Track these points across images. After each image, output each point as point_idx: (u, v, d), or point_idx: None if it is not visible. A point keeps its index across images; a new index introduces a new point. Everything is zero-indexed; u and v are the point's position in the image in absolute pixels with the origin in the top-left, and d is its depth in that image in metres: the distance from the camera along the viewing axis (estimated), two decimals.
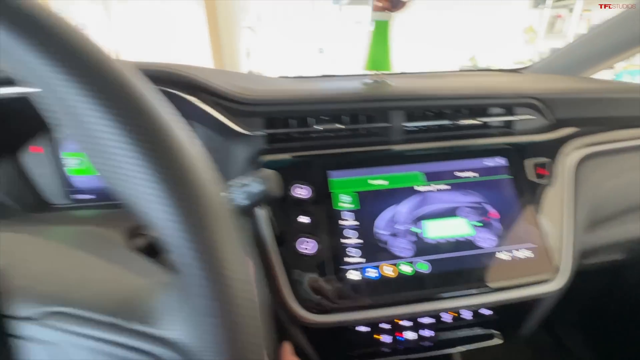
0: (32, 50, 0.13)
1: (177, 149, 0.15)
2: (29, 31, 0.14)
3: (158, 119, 0.15)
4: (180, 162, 0.15)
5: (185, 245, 0.15)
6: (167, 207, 0.14)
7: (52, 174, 0.50)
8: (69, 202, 0.52)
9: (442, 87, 0.56)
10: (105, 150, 0.14)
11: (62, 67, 0.14)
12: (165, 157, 0.15)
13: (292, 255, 0.43)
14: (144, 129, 0.15)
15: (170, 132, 0.15)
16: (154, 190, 0.14)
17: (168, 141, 0.15)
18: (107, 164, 0.15)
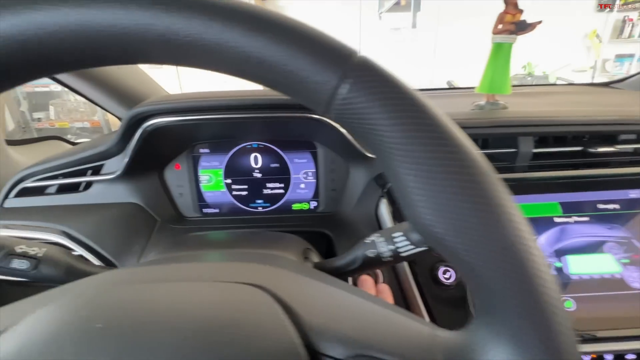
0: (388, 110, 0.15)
1: (503, 196, 0.16)
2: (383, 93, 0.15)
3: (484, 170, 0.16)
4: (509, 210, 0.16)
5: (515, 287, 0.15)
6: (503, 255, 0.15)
7: (189, 189, 0.54)
8: (200, 215, 0.56)
9: (570, 111, 0.54)
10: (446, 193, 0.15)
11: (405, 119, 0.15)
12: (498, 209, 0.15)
13: (431, 283, 0.43)
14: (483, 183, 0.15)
15: (494, 178, 0.16)
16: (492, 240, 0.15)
17: (498, 189, 0.16)
18: (447, 210, 0.15)
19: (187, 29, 0.15)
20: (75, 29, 0.15)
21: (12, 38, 0.14)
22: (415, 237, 0.29)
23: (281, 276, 0.24)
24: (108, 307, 0.19)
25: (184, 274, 0.23)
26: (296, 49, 0.15)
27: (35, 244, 0.31)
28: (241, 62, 0.16)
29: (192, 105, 0.45)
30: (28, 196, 0.51)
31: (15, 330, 0.18)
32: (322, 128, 0.49)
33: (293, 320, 0.19)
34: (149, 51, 0.16)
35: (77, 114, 3.11)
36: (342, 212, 0.54)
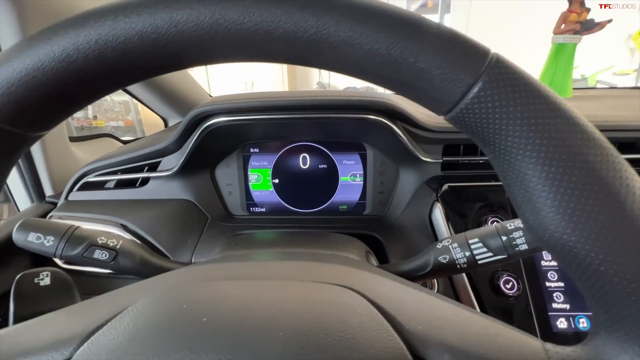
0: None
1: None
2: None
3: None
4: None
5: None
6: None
7: (238, 188, 0.55)
8: (247, 214, 0.56)
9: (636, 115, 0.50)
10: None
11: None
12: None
13: (491, 293, 0.41)
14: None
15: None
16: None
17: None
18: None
19: (317, 25, 0.15)
20: (207, 27, 0.15)
21: (160, 36, 0.15)
22: (495, 244, 0.28)
23: (367, 278, 0.23)
24: (209, 302, 0.19)
25: (272, 272, 0.23)
26: (430, 46, 0.15)
27: (113, 236, 0.32)
28: (365, 59, 0.15)
29: (250, 105, 0.45)
30: (89, 190, 0.54)
31: (122, 319, 0.19)
32: (373, 130, 0.49)
33: (393, 325, 0.18)
34: (271, 49, 0.16)
35: (113, 113, 3.28)
36: (390, 216, 0.53)
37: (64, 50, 0.15)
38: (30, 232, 0.29)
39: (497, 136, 0.15)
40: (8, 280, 0.47)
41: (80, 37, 0.15)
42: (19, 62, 0.15)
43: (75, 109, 0.18)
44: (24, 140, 0.18)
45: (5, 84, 0.15)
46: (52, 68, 0.15)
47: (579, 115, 0.15)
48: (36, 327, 0.20)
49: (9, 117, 0.16)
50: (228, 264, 0.26)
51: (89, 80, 0.16)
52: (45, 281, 0.25)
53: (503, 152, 0.16)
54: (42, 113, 0.17)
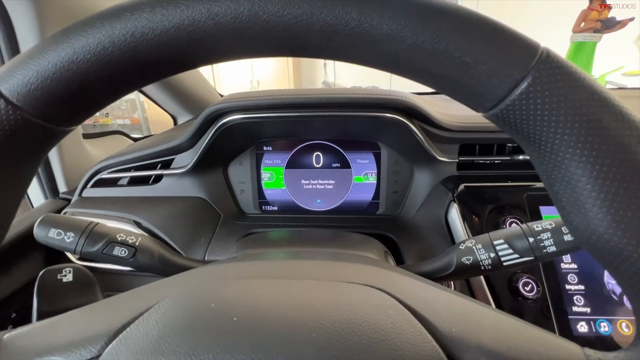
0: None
1: None
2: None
3: None
4: None
5: None
6: None
7: (251, 186, 0.55)
8: (260, 212, 0.56)
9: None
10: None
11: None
12: None
13: (509, 295, 0.40)
14: None
15: None
16: None
17: None
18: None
19: (359, 18, 0.14)
20: (246, 19, 0.15)
21: (200, 28, 0.15)
22: (521, 245, 0.28)
23: (395, 279, 0.23)
24: (238, 301, 0.19)
25: (298, 271, 0.23)
26: (477, 40, 0.14)
27: (132, 233, 0.32)
28: (407, 53, 0.15)
29: (266, 103, 0.45)
30: (103, 187, 0.54)
31: (149, 317, 0.18)
32: (388, 128, 0.48)
33: (426, 327, 0.18)
34: (309, 43, 0.16)
35: (119, 111, 3.30)
36: (404, 216, 0.52)
37: (100, 43, 0.15)
38: (51, 228, 0.29)
39: (544, 133, 0.15)
40: (22, 276, 0.48)
41: (117, 30, 0.15)
42: (54, 55, 0.15)
43: (106, 104, 0.18)
44: (55, 134, 0.18)
45: (40, 77, 0.15)
46: (87, 61, 0.15)
47: (633, 114, 0.14)
48: (62, 324, 0.20)
49: (42, 111, 0.16)
50: (251, 263, 0.26)
51: (122, 74, 0.16)
52: (68, 277, 0.25)
53: (549, 151, 0.15)
54: (74, 107, 0.17)
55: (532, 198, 0.44)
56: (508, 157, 0.49)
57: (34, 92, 0.15)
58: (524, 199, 0.45)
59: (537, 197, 0.44)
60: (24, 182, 0.19)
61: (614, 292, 0.39)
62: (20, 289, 0.47)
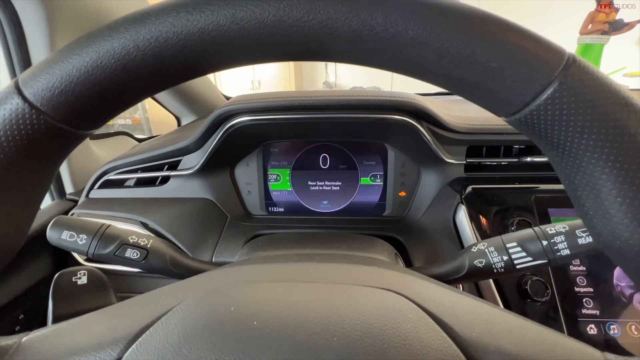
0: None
1: None
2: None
3: None
4: None
5: None
6: None
7: (257, 187, 0.55)
8: (266, 214, 0.56)
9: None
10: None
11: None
12: None
13: (518, 297, 0.40)
14: None
15: None
16: None
17: None
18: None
19: (385, 23, 0.14)
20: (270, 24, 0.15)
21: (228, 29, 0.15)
22: (535, 248, 0.28)
23: (411, 282, 0.23)
24: (257, 304, 0.19)
25: (314, 275, 0.23)
26: (504, 45, 0.14)
27: (143, 235, 0.32)
28: (432, 59, 0.15)
29: (274, 105, 0.45)
30: (109, 188, 0.54)
31: (168, 321, 0.18)
32: (396, 130, 0.48)
33: (446, 331, 0.18)
34: (333, 48, 0.16)
35: None
36: (411, 218, 0.52)
37: (124, 48, 0.15)
38: (64, 230, 0.29)
39: (569, 139, 0.15)
40: (30, 278, 0.48)
41: (141, 35, 0.15)
42: (79, 60, 0.15)
43: (126, 107, 0.18)
44: (76, 138, 0.18)
45: (64, 82, 0.15)
46: (112, 66, 0.15)
47: None
48: (80, 327, 0.20)
49: (65, 115, 0.16)
50: (267, 265, 0.26)
51: (144, 78, 0.16)
52: (83, 280, 0.25)
53: (573, 156, 0.15)
54: (95, 111, 0.17)
55: (540, 200, 0.44)
56: (515, 159, 0.49)
57: (57, 97, 0.15)
58: (532, 201, 0.45)
59: (546, 199, 0.44)
60: (45, 185, 0.19)
61: (623, 294, 0.39)
62: (28, 290, 0.47)
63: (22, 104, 0.15)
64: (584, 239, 0.26)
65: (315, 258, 0.28)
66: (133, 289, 0.51)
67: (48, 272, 0.50)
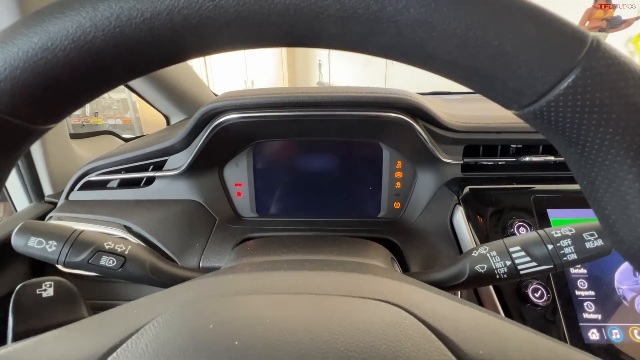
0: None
1: None
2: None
3: None
4: None
5: None
6: None
7: (247, 188, 0.53)
8: (256, 216, 0.54)
9: None
10: None
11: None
12: None
13: (517, 302, 0.39)
14: None
15: None
16: None
17: None
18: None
19: (383, 1, 0.13)
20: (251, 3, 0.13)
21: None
22: (540, 252, 0.26)
23: (410, 292, 0.21)
24: (239, 322, 0.17)
25: (304, 285, 0.21)
26: (519, 26, 0.12)
27: (120, 241, 0.30)
28: (436, 42, 0.13)
29: (264, 102, 0.43)
30: (91, 189, 0.51)
31: (138, 340, 0.16)
32: (391, 128, 0.47)
33: (450, 348, 0.16)
34: (323, 32, 0.14)
35: (111, 111, 3.23)
36: (406, 219, 0.51)
37: (79, 27, 0.13)
38: (31, 237, 0.27)
39: (591, 134, 0.13)
40: (3, 287, 0.45)
41: (99, 12, 0.13)
42: (26, 41, 0.13)
43: (88, 99, 0.16)
44: (28, 133, 0.15)
45: (8, 67, 0.13)
46: (65, 49, 0.13)
47: None
48: (40, 347, 0.17)
49: (12, 105, 0.14)
50: (252, 275, 0.23)
51: (106, 64, 0.14)
52: (48, 292, 0.22)
53: (595, 153, 0.13)
54: (50, 103, 0.15)
55: (539, 200, 0.43)
56: (513, 159, 0.48)
57: (2, 86, 0.13)
58: (531, 201, 0.43)
59: (545, 200, 0.43)
60: None
61: (624, 298, 0.38)
62: (0, 300, 0.44)
63: None
64: (592, 242, 0.25)
65: (306, 265, 0.26)
66: (114, 296, 0.48)
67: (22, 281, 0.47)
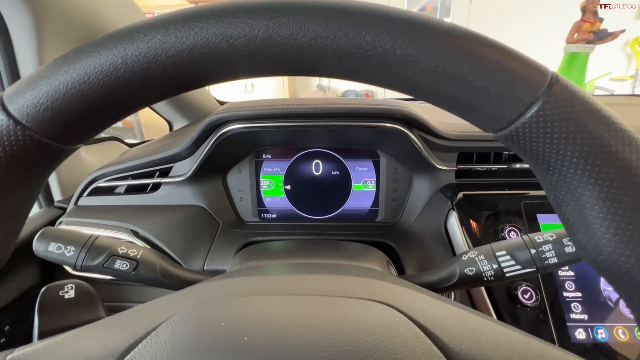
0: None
1: None
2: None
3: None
4: None
5: None
6: None
7: (250, 194, 0.55)
8: (259, 220, 0.56)
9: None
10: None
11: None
12: None
13: (508, 303, 0.41)
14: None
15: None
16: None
17: None
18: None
19: (373, 42, 0.15)
20: (260, 42, 0.15)
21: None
22: (523, 257, 0.28)
23: (402, 293, 0.23)
24: (248, 320, 0.19)
25: (305, 287, 0.23)
26: (489, 65, 0.14)
27: (132, 246, 0.32)
28: (420, 77, 0.15)
29: (266, 113, 0.45)
30: (99, 195, 0.53)
31: (157, 337, 0.18)
32: (388, 137, 0.49)
33: (436, 343, 0.18)
34: (322, 65, 0.16)
35: None
36: (403, 223, 0.53)
37: (112, 64, 0.15)
38: (51, 242, 0.29)
39: (553, 156, 0.15)
40: (16, 288, 0.47)
41: (129, 51, 0.15)
42: (66, 75, 0.15)
43: (114, 122, 0.18)
44: (63, 152, 0.17)
45: (50, 98, 0.15)
46: (99, 82, 0.15)
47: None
48: (66, 344, 0.19)
49: (52, 131, 0.16)
50: (258, 277, 0.25)
51: (133, 93, 0.16)
52: (70, 294, 0.24)
53: (557, 172, 0.15)
54: (82, 126, 0.17)
55: (529, 206, 0.45)
56: (505, 165, 0.50)
57: (43, 113, 0.15)
58: (521, 206, 0.45)
59: (534, 205, 0.45)
60: (31, 200, 0.18)
61: (610, 299, 0.40)
62: (14, 300, 0.46)
63: (6, 120, 0.15)
64: (571, 247, 0.27)
65: (307, 269, 0.28)
66: (125, 297, 0.50)
67: (35, 282, 0.49)
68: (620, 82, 3.30)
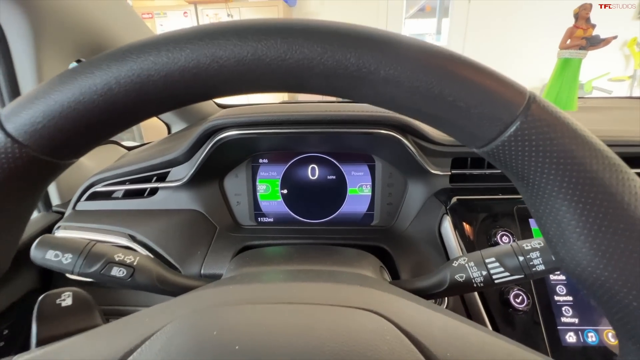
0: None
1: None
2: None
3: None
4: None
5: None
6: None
7: (247, 198, 0.55)
8: (256, 224, 0.56)
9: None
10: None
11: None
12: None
13: (501, 307, 0.41)
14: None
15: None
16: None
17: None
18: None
19: (358, 64, 0.15)
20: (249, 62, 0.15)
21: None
22: (512, 264, 0.29)
23: (391, 301, 0.23)
24: (240, 328, 0.19)
25: (296, 295, 0.23)
26: (469, 86, 0.15)
27: (129, 252, 0.32)
28: (404, 96, 0.16)
29: (262, 120, 0.46)
30: (97, 200, 0.54)
31: (152, 345, 0.19)
32: (383, 143, 0.49)
33: (421, 351, 0.19)
34: (309, 83, 0.16)
35: None
36: (398, 227, 0.53)
37: (106, 84, 0.15)
38: (49, 250, 0.29)
39: (532, 172, 0.16)
40: (14, 293, 0.47)
41: (123, 72, 0.15)
42: (61, 95, 0.15)
43: (109, 137, 0.19)
44: (59, 167, 0.18)
45: (46, 117, 0.16)
46: (94, 101, 0.16)
47: (614, 156, 0.15)
48: (64, 351, 0.20)
49: (48, 148, 0.16)
50: (251, 286, 0.26)
51: (127, 110, 0.17)
52: (67, 302, 0.25)
53: (537, 188, 0.16)
54: (78, 142, 0.17)
55: (521, 211, 0.46)
56: (498, 170, 0.51)
57: (40, 131, 0.16)
58: (514, 211, 0.46)
59: (527, 210, 0.46)
60: (28, 213, 0.19)
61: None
62: (12, 305, 0.46)
63: (4, 139, 0.16)
64: None
65: (300, 276, 0.29)
66: (123, 302, 0.51)
67: (33, 285, 0.50)
68: (619, 82, 3.30)
